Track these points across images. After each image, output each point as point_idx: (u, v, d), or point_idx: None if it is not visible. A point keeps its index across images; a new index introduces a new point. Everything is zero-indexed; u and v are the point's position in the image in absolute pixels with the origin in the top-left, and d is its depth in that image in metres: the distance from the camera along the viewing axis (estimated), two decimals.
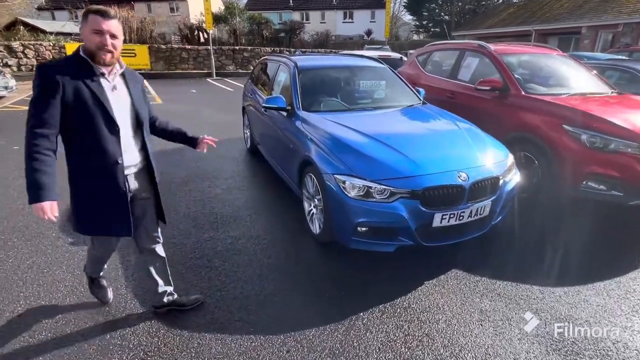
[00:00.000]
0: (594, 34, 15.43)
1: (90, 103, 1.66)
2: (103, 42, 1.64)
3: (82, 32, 1.69)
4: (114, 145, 1.73)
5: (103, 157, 1.71)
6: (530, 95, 3.80)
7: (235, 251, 2.92)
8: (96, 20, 1.63)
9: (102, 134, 1.69)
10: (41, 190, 1.58)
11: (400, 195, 2.47)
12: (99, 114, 1.68)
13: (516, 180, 2.95)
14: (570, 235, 3.24)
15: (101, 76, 1.71)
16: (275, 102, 3.53)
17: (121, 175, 1.77)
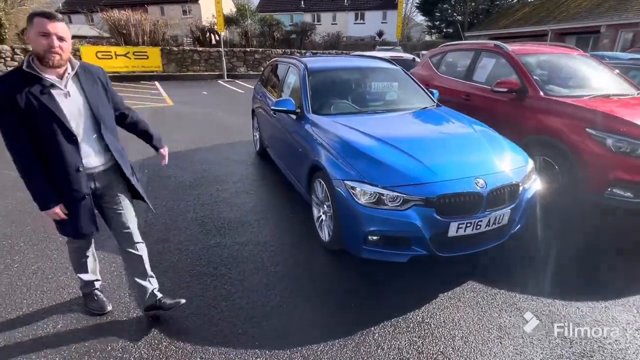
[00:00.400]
0: (614, 33, 14.98)
1: (44, 116, 1.64)
2: (50, 44, 1.59)
3: (27, 37, 1.64)
4: (73, 154, 1.74)
5: (63, 166, 1.73)
6: (550, 97, 3.63)
7: (242, 258, 2.84)
8: (42, 23, 1.58)
9: (61, 144, 1.70)
10: (46, 199, 1.72)
11: (414, 203, 2.35)
12: (55, 126, 1.67)
13: (536, 187, 2.80)
14: (594, 245, 3.07)
15: (51, 87, 1.67)
16: (284, 105, 3.45)
17: (83, 181, 1.80)
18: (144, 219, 3.46)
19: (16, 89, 1.60)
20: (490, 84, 4.32)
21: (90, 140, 1.82)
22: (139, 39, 17.76)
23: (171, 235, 3.18)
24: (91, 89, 1.81)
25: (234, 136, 6.65)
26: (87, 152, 1.81)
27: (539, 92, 3.71)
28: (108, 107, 1.91)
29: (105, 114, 1.87)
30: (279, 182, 4.39)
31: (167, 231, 3.24)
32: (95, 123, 1.82)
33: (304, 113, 3.40)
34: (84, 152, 1.79)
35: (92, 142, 1.83)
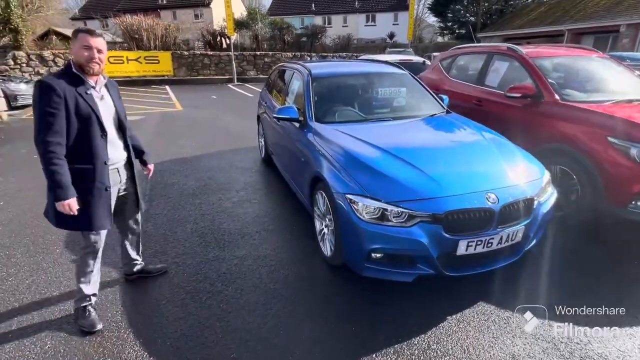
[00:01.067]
0: (634, 32, 14.45)
1: (85, 113, 1.90)
2: (91, 55, 1.92)
3: (72, 49, 1.93)
4: (102, 149, 1.99)
5: (93, 159, 1.96)
6: (567, 103, 3.42)
7: (240, 274, 2.72)
8: (85, 38, 1.90)
9: (94, 139, 1.95)
10: (64, 190, 1.84)
11: (420, 219, 2.20)
12: (92, 122, 1.94)
13: (553, 201, 2.61)
14: (616, 263, 2.86)
15: (92, 89, 1.98)
16: (286, 113, 3.33)
17: (106, 175, 2.03)
18: (143, 229, 3.38)
19: (67, 86, 1.86)
20: (503, 89, 4.13)
21: (115, 138, 2.11)
22: (150, 44, 17.97)
23: (169, 247, 3.09)
24: (116, 97, 2.16)
25: (241, 142, 6.57)
26: (113, 148, 2.09)
27: (556, 98, 3.51)
28: (125, 114, 2.22)
29: (125, 118, 2.19)
30: (283, 191, 4.28)
31: (166, 243, 3.16)
32: (119, 124, 2.15)
33: (306, 121, 3.28)
34: (111, 147, 2.06)
35: (116, 140, 2.13)
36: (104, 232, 2.16)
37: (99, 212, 2.01)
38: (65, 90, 1.84)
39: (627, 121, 2.96)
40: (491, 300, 2.40)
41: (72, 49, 1.93)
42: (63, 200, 1.84)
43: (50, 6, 19.22)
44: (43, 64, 14.16)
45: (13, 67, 13.63)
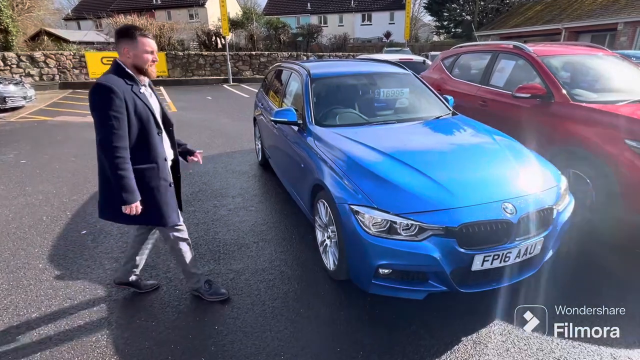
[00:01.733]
0: (632, 30, 14.38)
1: (144, 112, 1.92)
2: (154, 58, 1.97)
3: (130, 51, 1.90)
4: (161, 146, 2.03)
5: (155, 156, 1.98)
6: (580, 104, 3.26)
7: (237, 290, 2.53)
8: (148, 42, 1.94)
9: (153, 137, 1.97)
10: (131, 194, 1.87)
11: (432, 233, 2.02)
12: (150, 120, 1.96)
13: (571, 209, 2.45)
14: (636, 274, 2.69)
15: (144, 87, 2.00)
16: (284, 116, 3.14)
17: (167, 171, 2.07)
18: None
19: (125, 87, 1.86)
20: (510, 89, 3.96)
21: (164, 136, 2.11)
22: None
23: (160, 260, 2.89)
24: (158, 96, 2.14)
25: (237, 144, 6.37)
26: (166, 145, 2.11)
27: (567, 98, 3.34)
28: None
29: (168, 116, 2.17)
30: (281, 196, 4.09)
31: (156, 255, 2.95)
32: (165, 122, 2.13)
33: (306, 124, 3.09)
34: (165, 144, 2.10)
35: (166, 137, 2.13)
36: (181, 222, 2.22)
37: (167, 208, 2.07)
38: (124, 91, 1.84)
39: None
40: (509, 318, 2.23)
41: (131, 51, 1.90)
42: (130, 204, 1.89)
43: (42, 6, 18.86)
44: (34, 65, 13.87)
45: (3, 68, 13.33)
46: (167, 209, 2.08)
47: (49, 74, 14.24)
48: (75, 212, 3.74)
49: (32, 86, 11.88)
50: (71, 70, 14.74)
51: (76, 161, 5.43)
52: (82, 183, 4.54)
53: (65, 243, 3.16)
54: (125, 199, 1.87)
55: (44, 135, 7.10)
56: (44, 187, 4.44)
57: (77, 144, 6.45)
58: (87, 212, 3.75)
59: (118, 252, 3.00)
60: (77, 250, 3.04)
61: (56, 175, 4.82)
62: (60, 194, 4.20)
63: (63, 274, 2.71)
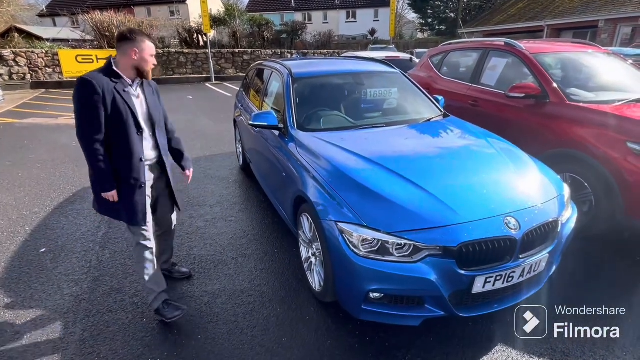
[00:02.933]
0: (613, 27, 14.56)
1: (122, 109, 1.94)
2: (154, 62, 2.05)
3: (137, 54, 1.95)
4: (138, 146, 2.03)
5: (129, 156, 2.00)
6: (576, 104, 3.09)
7: (212, 316, 2.27)
8: (152, 47, 2.01)
9: (130, 136, 1.99)
10: (106, 183, 1.97)
11: (429, 253, 1.80)
12: (129, 119, 1.97)
13: (574, 220, 2.26)
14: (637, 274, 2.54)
15: (130, 87, 2.01)
16: (264, 119, 2.87)
17: (142, 172, 2.06)
18: (98, 258, 2.88)
19: (106, 83, 1.90)
20: (502, 88, 3.79)
21: (148, 137, 2.12)
22: None
23: (127, 282, 2.60)
24: (151, 97, 2.15)
25: (217, 147, 6.06)
26: (146, 145, 2.10)
27: (563, 98, 3.18)
28: (162, 113, 2.23)
29: (159, 117, 2.18)
30: (263, 205, 3.83)
31: (124, 276, 2.66)
32: (152, 123, 2.13)
33: (287, 129, 2.83)
34: (147, 145, 2.10)
35: (149, 138, 2.13)
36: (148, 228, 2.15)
37: (134, 207, 2.06)
38: (104, 87, 1.88)
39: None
40: (512, 342, 2.03)
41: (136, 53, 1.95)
42: (108, 191, 1.98)
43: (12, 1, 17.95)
44: (2, 64, 13.13)
45: None
46: (133, 208, 2.06)
47: (19, 73, 13.52)
48: (36, 227, 3.40)
49: (1, 86, 11.24)
50: (43, 69, 14.04)
51: (42, 168, 5.04)
52: (46, 192, 4.18)
53: (21, 264, 2.83)
54: (103, 187, 1.98)
55: (9, 139, 6.63)
56: (2, 197, 4.06)
57: (45, 148, 6.02)
58: (49, 226, 3.41)
59: (80, 274, 2.70)
60: (33, 272, 2.72)
61: (18, 184, 4.43)
62: (20, 206, 3.84)
63: (14, 302, 2.40)
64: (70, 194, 4.14)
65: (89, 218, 3.55)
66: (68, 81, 13.99)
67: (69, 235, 3.25)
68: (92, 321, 2.22)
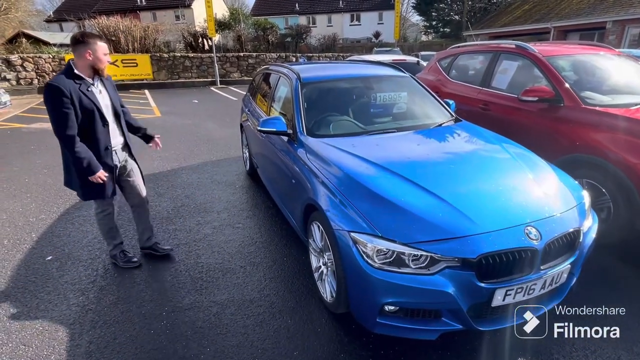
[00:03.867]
0: (621, 28, 14.41)
1: (88, 106, 2.26)
2: (109, 60, 2.35)
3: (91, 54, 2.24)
4: (105, 136, 2.39)
5: (98, 145, 2.37)
6: (592, 108, 3.01)
7: (221, 327, 2.21)
8: (104, 46, 2.30)
9: (97, 128, 2.34)
10: (93, 166, 2.31)
11: (447, 265, 1.73)
12: (95, 113, 2.31)
13: (595, 229, 2.19)
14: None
15: (92, 85, 2.32)
16: (272, 125, 2.82)
17: (110, 156, 2.45)
18: (103, 266, 2.84)
19: (72, 86, 2.19)
20: (513, 91, 3.72)
21: (113, 126, 2.49)
22: (128, 46, 17.17)
23: (134, 292, 2.56)
24: (112, 90, 2.51)
25: (223, 152, 6.03)
26: (113, 134, 2.47)
27: (579, 102, 3.10)
28: (120, 104, 2.58)
29: (119, 108, 2.55)
30: (270, 211, 3.77)
31: (131, 286, 2.62)
32: (115, 114, 2.52)
33: (296, 134, 2.78)
34: (112, 134, 2.46)
35: (114, 127, 2.51)
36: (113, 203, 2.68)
37: (105, 185, 2.45)
38: (71, 89, 2.17)
39: None
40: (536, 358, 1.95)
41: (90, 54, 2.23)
42: (93, 174, 2.32)
43: (20, 7, 18.15)
44: (10, 69, 13.26)
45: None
46: (104, 186, 2.46)
47: (26, 77, 13.64)
48: (42, 234, 3.37)
49: (8, 91, 11.34)
50: (50, 74, 14.14)
51: (48, 173, 5.03)
52: (52, 199, 4.16)
53: (27, 272, 2.79)
54: (88, 172, 2.30)
55: (16, 144, 6.65)
56: (9, 204, 4.04)
57: (51, 153, 6.02)
58: (55, 233, 3.38)
59: (86, 282, 2.65)
60: (39, 281, 2.68)
61: (25, 190, 4.42)
62: (27, 212, 3.82)
63: (20, 313, 2.35)
64: (77, 200, 4.11)
65: (95, 225, 3.50)
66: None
67: (75, 242, 3.22)
68: (99, 332, 2.18)
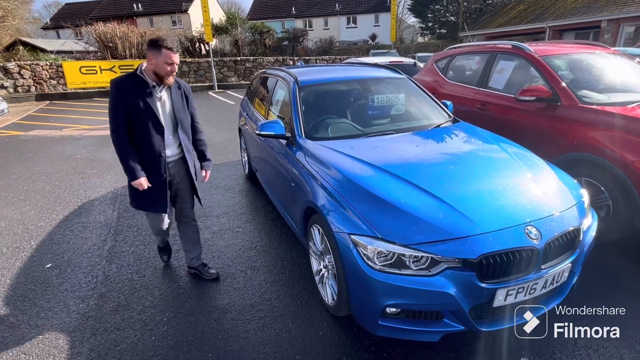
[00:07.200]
0: (616, 27, 14.48)
1: (145, 110, 2.20)
2: (172, 70, 2.21)
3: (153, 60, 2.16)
4: (159, 143, 2.28)
5: (151, 151, 2.27)
6: (590, 107, 3.02)
7: (223, 332, 2.20)
8: (169, 55, 2.16)
9: (152, 134, 2.25)
10: (135, 171, 2.23)
11: (448, 266, 1.73)
12: (151, 119, 2.22)
13: (595, 227, 2.19)
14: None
15: (153, 89, 2.23)
16: (271, 129, 2.82)
17: (163, 165, 2.33)
18: (104, 272, 2.83)
19: (130, 86, 2.18)
20: (510, 91, 3.74)
21: (170, 136, 2.36)
22: (126, 52, 17.15)
23: (135, 297, 2.55)
24: (177, 98, 2.36)
25: (222, 155, 6.03)
26: (168, 142, 2.34)
27: (576, 101, 3.11)
28: (187, 114, 2.44)
29: (183, 118, 2.40)
30: (270, 215, 3.77)
31: (131, 292, 2.61)
32: (174, 123, 2.37)
33: (295, 138, 2.78)
34: (166, 142, 2.32)
35: (171, 137, 2.37)
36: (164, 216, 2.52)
37: (156, 197, 2.36)
38: (127, 89, 2.16)
39: None
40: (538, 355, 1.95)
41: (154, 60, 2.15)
42: (135, 179, 2.23)
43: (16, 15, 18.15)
44: (7, 77, 13.23)
45: None
46: (154, 197, 2.35)
47: (24, 85, 13.62)
48: (41, 241, 3.35)
49: (6, 98, 11.33)
50: (48, 81, 14.14)
51: (47, 180, 5.02)
52: (51, 206, 4.14)
53: (26, 280, 2.78)
54: (131, 176, 2.23)
55: (14, 151, 6.63)
56: (8, 211, 4.03)
57: (49, 160, 6.01)
58: (55, 240, 3.36)
59: (86, 289, 2.64)
60: (38, 288, 2.67)
61: (23, 198, 4.41)
62: (26, 220, 3.80)
63: (19, 321, 2.34)
64: (76, 206, 4.11)
65: (94, 231, 3.51)
66: (72, 92, 14.09)
67: (75, 249, 3.21)
68: (100, 340, 2.16)
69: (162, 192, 2.37)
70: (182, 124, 2.38)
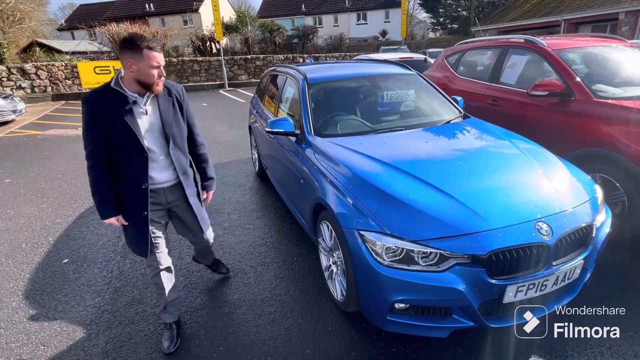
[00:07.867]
0: (634, 19, 14.07)
1: (120, 130, 1.72)
2: (160, 74, 1.73)
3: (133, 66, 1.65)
4: (141, 171, 1.81)
5: (130, 181, 1.83)
6: (604, 101, 2.96)
7: (233, 327, 2.24)
8: (153, 56, 1.67)
9: (131, 160, 1.79)
10: (103, 210, 1.82)
11: (457, 262, 1.72)
12: (130, 141, 1.75)
13: (609, 223, 2.15)
14: None
15: (133, 104, 1.75)
16: (280, 126, 2.85)
17: (145, 200, 1.84)
18: (119, 268, 2.89)
19: (105, 102, 1.70)
20: (523, 86, 3.68)
21: (160, 157, 1.88)
22: None
23: (148, 292, 2.60)
24: (166, 109, 1.86)
25: (233, 153, 6.08)
26: (156, 167, 1.87)
27: (590, 95, 3.05)
28: (181, 126, 1.95)
29: (177, 133, 1.91)
30: (280, 212, 3.80)
31: (144, 287, 2.67)
32: (166, 142, 1.87)
33: (304, 135, 2.80)
34: (153, 167, 1.86)
35: (160, 159, 1.88)
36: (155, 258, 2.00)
37: (137, 237, 1.93)
38: (101, 105, 1.70)
39: None
40: (550, 355, 1.93)
41: (132, 65, 1.66)
42: (106, 218, 1.84)
43: (33, 17, 18.58)
44: (25, 77, 13.57)
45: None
46: (136, 238, 1.93)
47: (40, 85, 13.95)
48: (58, 237, 3.45)
49: (24, 99, 11.63)
50: (63, 81, 14.46)
51: (64, 178, 5.14)
52: (68, 203, 4.25)
53: (45, 275, 2.87)
54: (101, 215, 1.84)
55: (32, 150, 6.81)
56: (26, 209, 4.15)
57: (66, 159, 6.16)
58: (71, 236, 3.46)
59: (102, 284, 2.71)
60: (56, 283, 2.75)
61: (41, 195, 4.53)
62: (44, 217, 3.91)
63: (38, 314, 2.42)
64: (91, 204, 4.20)
65: (109, 228, 3.59)
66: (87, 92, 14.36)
67: (91, 245, 3.29)
68: (115, 332, 2.23)
69: (143, 233, 1.90)
70: (174, 140, 1.89)
